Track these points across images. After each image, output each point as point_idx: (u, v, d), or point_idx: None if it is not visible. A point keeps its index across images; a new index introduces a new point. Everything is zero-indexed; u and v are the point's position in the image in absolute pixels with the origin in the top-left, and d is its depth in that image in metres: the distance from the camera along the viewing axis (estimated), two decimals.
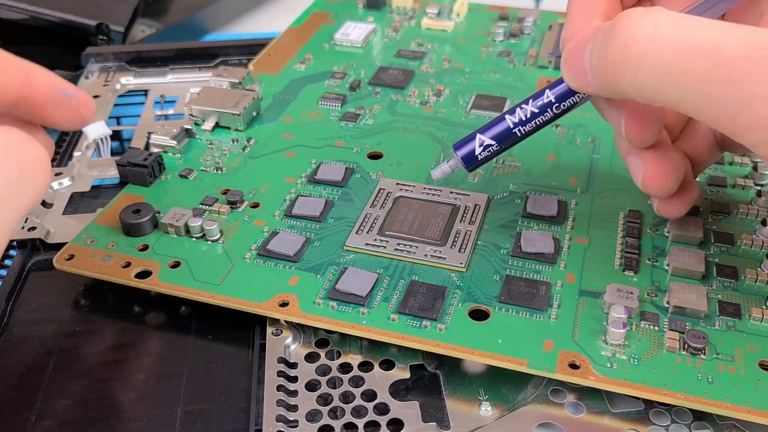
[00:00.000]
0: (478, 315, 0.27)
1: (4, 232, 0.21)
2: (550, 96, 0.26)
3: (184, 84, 0.45)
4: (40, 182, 0.23)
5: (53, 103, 0.25)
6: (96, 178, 0.37)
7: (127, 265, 0.30)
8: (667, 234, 0.30)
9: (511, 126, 0.27)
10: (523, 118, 0.27)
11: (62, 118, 0.25)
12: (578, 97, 0.26)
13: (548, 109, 0.26)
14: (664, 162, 0.26)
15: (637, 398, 0.25)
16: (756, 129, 0.20)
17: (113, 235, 0.31)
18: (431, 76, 0.42)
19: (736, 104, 0.20)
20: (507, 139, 0.27)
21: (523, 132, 0.27)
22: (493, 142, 0.27)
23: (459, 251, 0.30)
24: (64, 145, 0.40)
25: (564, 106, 0.26)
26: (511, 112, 0.27)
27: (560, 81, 0.26)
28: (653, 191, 0.27)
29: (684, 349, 0.25)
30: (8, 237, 0.22)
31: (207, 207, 0.32)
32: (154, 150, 0.36)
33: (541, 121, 0.27)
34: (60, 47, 0.52)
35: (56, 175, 0.37)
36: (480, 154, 0.28)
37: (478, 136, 0.28)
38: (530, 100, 0.27)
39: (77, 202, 0.36)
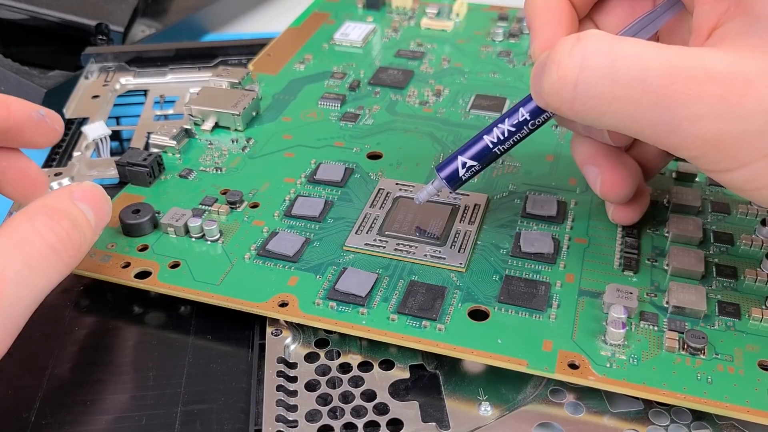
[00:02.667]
0: (478, 315, 0.27)
1: (19, 313, 0.23)
2: (524, 114, 0.27)
3: (184, 84, 0.45)
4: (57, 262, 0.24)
5: (32, 126, 0.28)
6: (95, 178, 0.37)
7: (127, 265, 0.30)
8: (666, 234, 0.30)
9: (490, 146, 0.27)
10: (501, 137, 0.27)
11: (41, 138, 0.28)
12: (550, 112, 0.26)
13: (524, 126, 0.27)
14: (620, 168, 0.27)
15: (637, 398, 0.25)
16: (687, 146, 0.22)
17: (113, 235, 0.31)
18: (431, 76, 0.42)
19: (666, 126, 0.21)
20: (487, 158, 0.28)
21: (502, 150, 0.28)
22: (474, 163, 0.28)
23: (458, 251, 0.30)
24: (64, 145, 0.40)
25: (538, 121, 0.27)
26: (488, 131, 0.27)
27: (531, 98, 0.26)
28: (611, 197, 0.28)
29: (683, 349, 0.25)
30: (23, 317, 0.23)
31: (206, 207, 0.32)
32: (154, 150, 0.36)
33: (518, 138, 0.27)
34: (60, 47, 0.52)
35: (56, 175, 0.37)
36: (464, 175, 0.28)
37: (459, 158, 0.28)
38: (506, 119, 0.27)
39: None
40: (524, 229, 0.31)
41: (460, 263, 0.29)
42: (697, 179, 0.34)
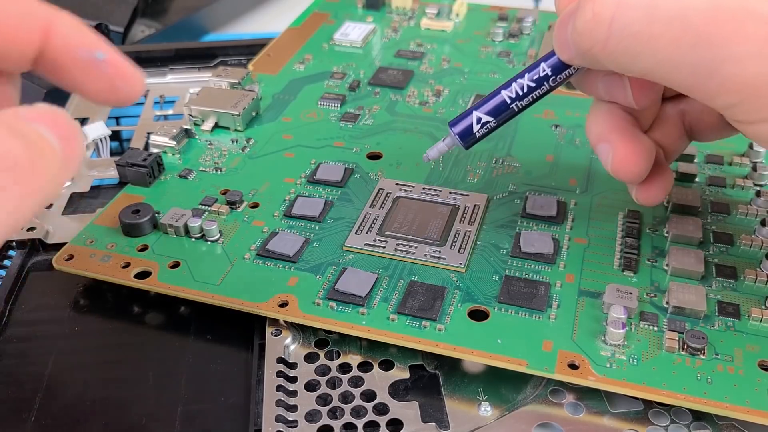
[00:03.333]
0: (478, 315, 0.27)
1: None
2: (546, 69, 0.26)
3: (184, 84, 0.45)
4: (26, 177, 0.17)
5: (78, 66, 0.19)
6: (95, 178, 0.37)
7: (127, 265, 0.30)
8: (666, 234, 0.30)
9: (508, 101, 0.26)
10: (519, 93, 0.26)
11: (92, 88, 0.20)
12: (573, 68, 0.26)
13: (544, 82, 0.26)
14: (633, 144, 0.26)
15: (637, 398, 0.25)
16: (725, 91, 0.21)
17: (113, 235, 0.31)
18: (430, 77, 0.42)
19: (705, 68, 0.20)
20: (504, 114, 0.27)
21: (520, 106, 0.27)
22: (490, 118, 0.27)
23: (458, 251, 0.30)
24: None
25: (560, 77, 0.26)
26: (507, 86, 0.26)
27: (554, 53, 0.26)
28: (623, 174, 0.26)
29: (683, 349, 0.25)
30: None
31: (206, 207, 0.32)
32: (154, 150, 0.36)
33: (537, 95, 0.26)
34: None
35: None
36: (478, 131, 0.27)
37: (475, 113, 0.27)
38: (525, 74, 0.26)
39: (77, 203, 0.36)
40: (524, 229, 0.31)
41: (460, 263, 0.29)
42: (696, 179, 0.34)
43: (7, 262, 0.32)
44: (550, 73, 0.26)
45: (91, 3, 0.51)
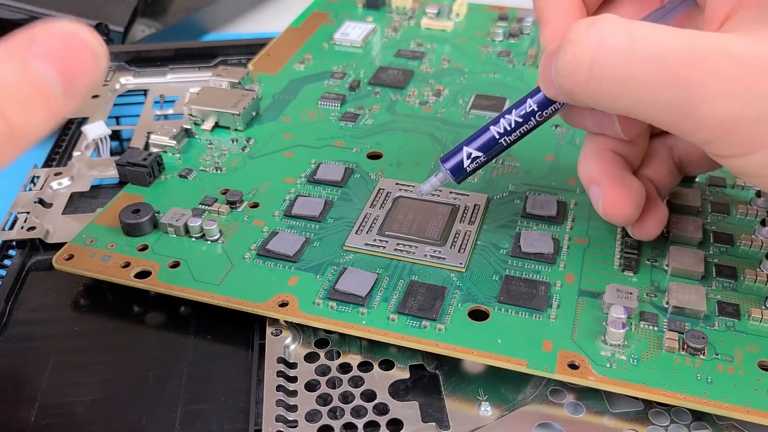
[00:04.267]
0: (478, 315, 0.27)
1: None
2: (532, 105, 0.26)
3: (184, 84, 0.45)
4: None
5: None
6: (95, 178, 0.37)
7: (127, 265, 0.30)
8: (666, 234, 0.30)
9: (497, 136, 0.27)
10: (508, 128, 0.27)
11: None
12: (559, 104, 0.26)
13: (531, 118, 0.27)
14: (622, 189, 0.27)
15: (637, 398, 0.25)
16: (702, 129, 0.21)
17: (113, 235, 0.31)
18: (431, 76, 0.42)
19: (682, 108, 0.21)
20: (493, 149, 0.28)
21: (509, 141, 0.27)
22: (480, 154, 0.28)
23: (458, 251, 0.30)
24: (64, 144, 0.40)
25: (546, 113, 0.26)
26: (495, 122, 0.27)
27: (539, 89, 0.26)
28: (614, 217, 0.27)
29: (683, 349, 0.25)
30: None
31: (206, 207, 0.32)
32: (154, 150, 0.36)
33: (525, 130, 0.27)
34: None
35: (55, 175, 0.37)
36: (468, 166, 0.28)
37: (465, 148, 0.28)
38: (513, 110, 0.27)
39: (77, 202, 0.36)
40: (524, 229, 0.31)
41: (460, 263, 0.29)
42: (697, 179, 0.34)
43: (7, 262, 0.32)
44: (536, 109, 0.26)
45: (91, 3, 0.51)
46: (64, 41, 0.19)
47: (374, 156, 0.36)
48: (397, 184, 0.34)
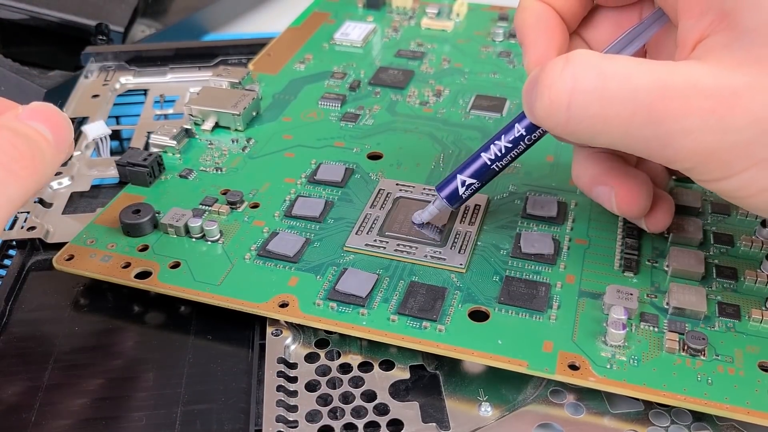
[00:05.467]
0: (478, 316, 0.27)
1: None
2: (520, 130, 0.27)
3: (184, 84, 0.45)
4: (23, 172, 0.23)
5: None
6: (96, 177, 0.37)
7: (127, 265, 0.30)
8: (666, 235, 0.30)
9: (488, 163, 0.28)
10: (498, 154, 0.28)
11: None
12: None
13: (520, 142, 0.27)
14: (632, 182, 0.27)
15: (637, 399, 0.25)
16: (681, 159, 0.22)
17: (113, 235, 0.31)
18: (431, 77, 0.42)
19: (660, 141, 0.22)
20: (486, 175, 0.28)
21: (501, 166, 0.28)
22: (474, 180, 0.28)
23: (459, 252, 0.30)
24: None
25: (535, 136, 0.27)
26: (486, 149, 0.28)
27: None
28: (629, 212, 0.28)
29: (683, 350, 0.25)
30: None
31: (207, 207, 0.32)
32: (154, 150, 0.36)
33: (516, 154, 0.28)
34: (60, 47, 0.52)
35: (56, 174, 0.37)
36: (464, 193, 0.29)
37: (459, 176, 0.29)
38: (502, 135, 0.27)
39: (77, 202, 0.36)
40: (524, 230, 0.31)
41: (461, 264, 0.29)
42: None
43: (7, 262, 0.32)
44: (524, 133, 0.27)
45: (91, 3, 0.51)
46: (42, 107, 0.25)
47: (374, 156, 0.36)
48: (397, 184, 0.34)
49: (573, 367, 0.25)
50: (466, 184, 0.28)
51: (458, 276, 0.29)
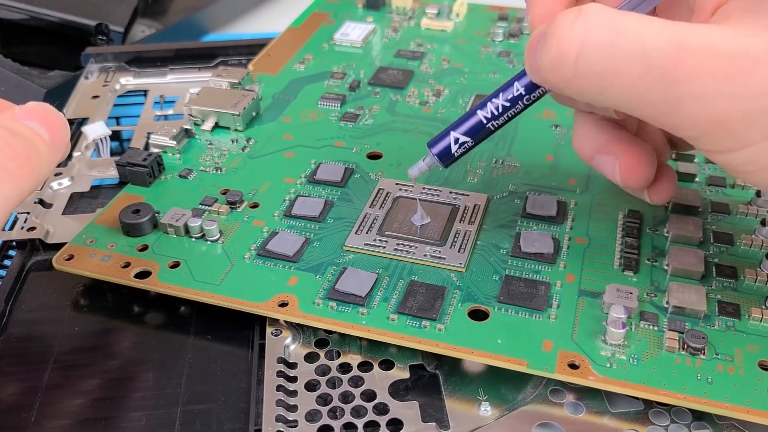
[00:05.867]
0: (478, 315, 0.27)
1: None
2: (519, 88, 0.26)
3: (184, 84, 0.45)
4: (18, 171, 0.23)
5: None
6: (95, 178, 0.37)
7: (127, 265, 0.30)
8: (666, 234, 0.30)
9: (484, 121, 0.27)
10: (495, 112, 0.26)
11: None
12: (546, 87, 0.26)
13: (518, 102, 0.26)
14: (635, 150, 0.26)
15: (637, 398, 0.25)
16: (689, 126, 0.21)
17: (113, 235, 0.31)
18: (431, 77, 0.42)
19: (668, 104, 0.21)
20: (480, 134, 0.27)
21: (496, 125, 0.27)
22: (467, 139, 0.27)
23: (458, 251, 0.30)
24: None
25: (534, 96, 0.26)
26: (482, 106, 0.27)
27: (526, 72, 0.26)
28: (633, 181, 0.27)
29: (683, 349, 0.25)
30: None
31: (206, 207, 0.32)
32: (154, 150, 0.36)
33: (513, 114, 0.26)
34: (59, 47, 0.52)
35: (56, 175, 0.37)
36: (456, 151, 0.28)
37: (452, 133, 0.27)
38: (500, 93, 0.26)
39: (77, 202, 0.36)
40: (524, 229, 0.31)
41: (460, 263, 0.29)
42: (697, 179, 0.34)
43: (7, 262, 0.32)
44: (523, 93, 0.26)
45: (91, 3, 0.51)
46: (39, 107, 0.25)
47: (374, 156, 0.36)
48: (397, 184, 0.34)
49: (573, 366, 0.25)
50: (459, 141, 0.27)
51: (458, 275, 0.29)
